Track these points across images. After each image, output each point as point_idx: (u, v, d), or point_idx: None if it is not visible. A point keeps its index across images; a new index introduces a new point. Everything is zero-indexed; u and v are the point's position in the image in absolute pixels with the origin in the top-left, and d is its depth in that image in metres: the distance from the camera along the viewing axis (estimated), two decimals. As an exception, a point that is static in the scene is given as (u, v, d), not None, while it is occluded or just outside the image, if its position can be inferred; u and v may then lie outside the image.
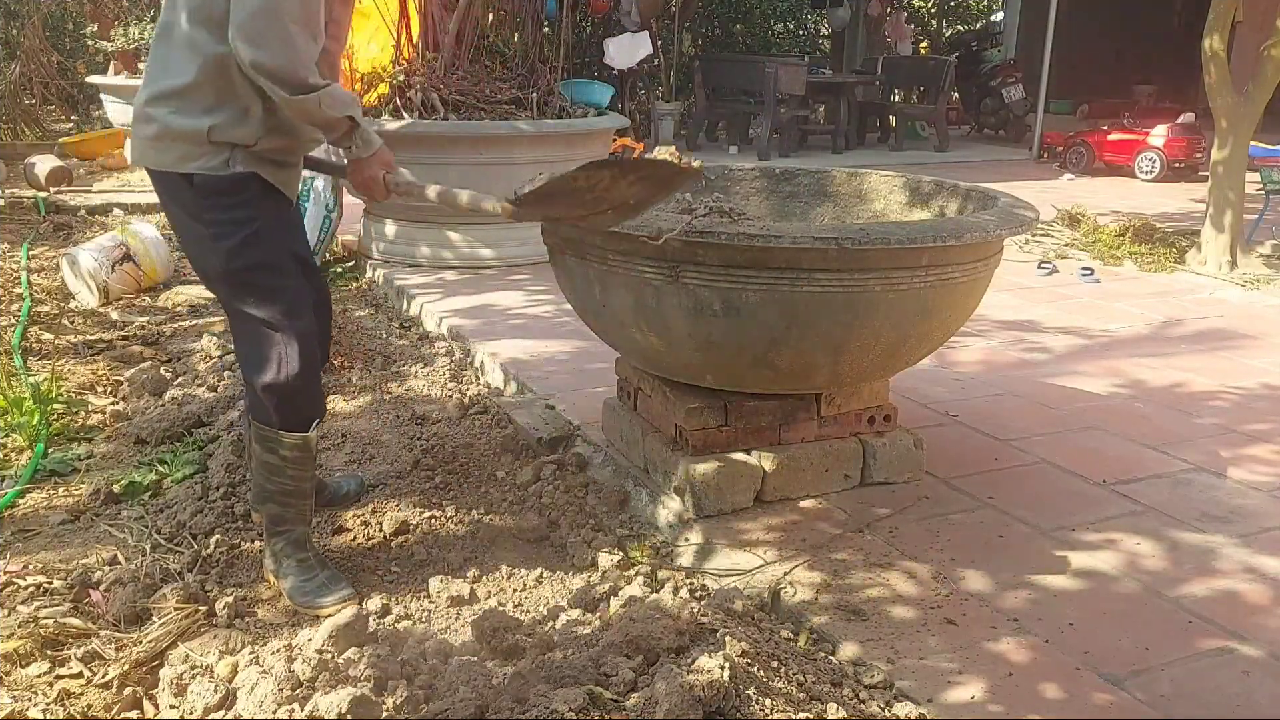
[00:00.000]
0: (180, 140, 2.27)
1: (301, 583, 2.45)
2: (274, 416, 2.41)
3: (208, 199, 2.30)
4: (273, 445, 2.44)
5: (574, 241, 2.74)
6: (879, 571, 2.54)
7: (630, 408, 3.16)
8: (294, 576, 2.46)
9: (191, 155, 2.27)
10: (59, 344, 4.38)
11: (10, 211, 7.25)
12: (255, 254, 2.34)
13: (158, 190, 2.40)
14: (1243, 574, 2.58)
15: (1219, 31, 5.99)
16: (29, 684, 2.08)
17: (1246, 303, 5.46)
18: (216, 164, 2.28)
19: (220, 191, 2.30)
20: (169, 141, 2.28)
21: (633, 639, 2.09)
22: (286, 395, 2.38)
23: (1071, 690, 2.09)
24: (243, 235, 2.32)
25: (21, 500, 3.01)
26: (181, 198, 2.33)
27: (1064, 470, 3.18)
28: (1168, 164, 9.95)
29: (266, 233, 2.35)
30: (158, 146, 2.30)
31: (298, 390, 2.38)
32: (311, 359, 2.40)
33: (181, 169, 2.29)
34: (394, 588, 2.56)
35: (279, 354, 2.36)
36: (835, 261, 2.46)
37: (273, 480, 2.48)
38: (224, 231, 2.31)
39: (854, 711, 2.00)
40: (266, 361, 2.37)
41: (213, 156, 2.27)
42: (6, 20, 10.87)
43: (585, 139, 5.84)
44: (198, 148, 2.27)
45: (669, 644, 2.09)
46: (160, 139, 2.29)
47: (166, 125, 2.27)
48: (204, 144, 2.26)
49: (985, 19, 19.20)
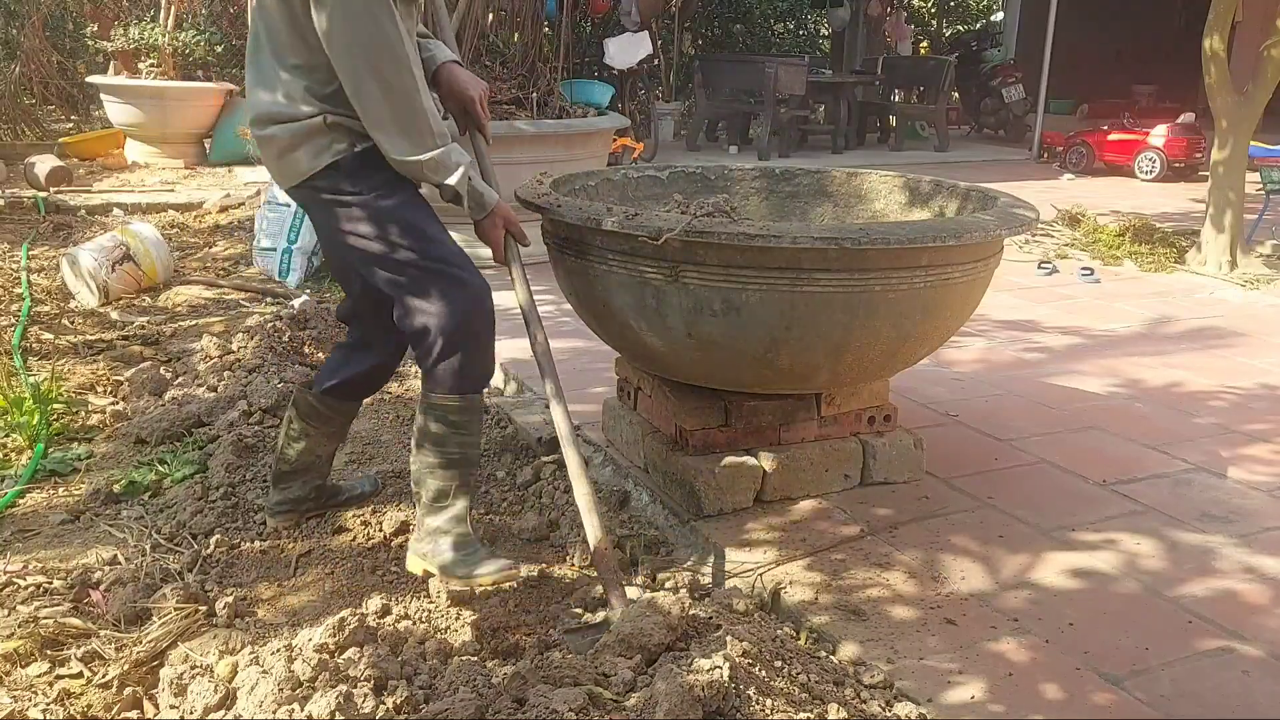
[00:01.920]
0: (302, 143, 2.29)
1: (463, 557, 2.36)
2: (451, 380, 2.33)
3: (353, 175, 2.31)
4: (440, 412, 2.36)
5: (574, 241, 2.74)
6: (879, 571, 2.54)
7: (630, 408, 3.16)
8: (454, 552, 2.37)
9: (321, 148, 2.29)
10: (59, 344, 4.37)
11: (10, 211, 7.25)
12: (420, 211, 2.35)
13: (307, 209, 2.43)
14: (1243, 574, 2.58)
15: (1219, 31, 5.99)
16: (29, 684, 2.08)
17: (1246, 303, 5.47)
18: (344, 146, 2.29)
19: (364, 166, 2.31)
20: (292, 152, 2.30)
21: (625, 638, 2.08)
22: (467, 355, 2.32)
23: (1071, 690, 2.09)
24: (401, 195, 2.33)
25: (21, 500, 3.01)
26: (332, 191, 2.33)
27: (1064, 470, 3.18)
28: (1168, 164, 9.95)
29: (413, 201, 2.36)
30: (286, 160, 2.32)
31: (478, 348, 2.34)
32: (491, 317, 2.37)
33: (317, 166, 2.30)
34: (394, 588, 2.56)
35: (465, 302, 2.31)
36: (835, 261, 2.46)
37: (437, 452, 2.38)
38: (384, 193, 2.32)
39: (854, 711, 2.00)
40: (451, 313, 2.31)
41: (339, 140, 2.29)
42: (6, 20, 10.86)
43: (585, 139, 5.84)
44: (322, 138, 2.28)
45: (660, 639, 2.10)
46: (284, 154, 2.31)
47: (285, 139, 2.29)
48: (324, 132, 2.28)
49: (985, 19, 19.20)
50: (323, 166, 2.31)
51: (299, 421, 2.69)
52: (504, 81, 5.92)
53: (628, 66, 10.07)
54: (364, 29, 2.18)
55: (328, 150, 2.30)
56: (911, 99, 13.54)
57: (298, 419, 2.70)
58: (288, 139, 2.30)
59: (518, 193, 2.88)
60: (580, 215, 2.60)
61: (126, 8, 10.70)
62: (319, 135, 2.29)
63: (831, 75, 12.56)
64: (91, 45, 10.50)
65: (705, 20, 14.77)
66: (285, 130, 2.30)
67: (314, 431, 2.69)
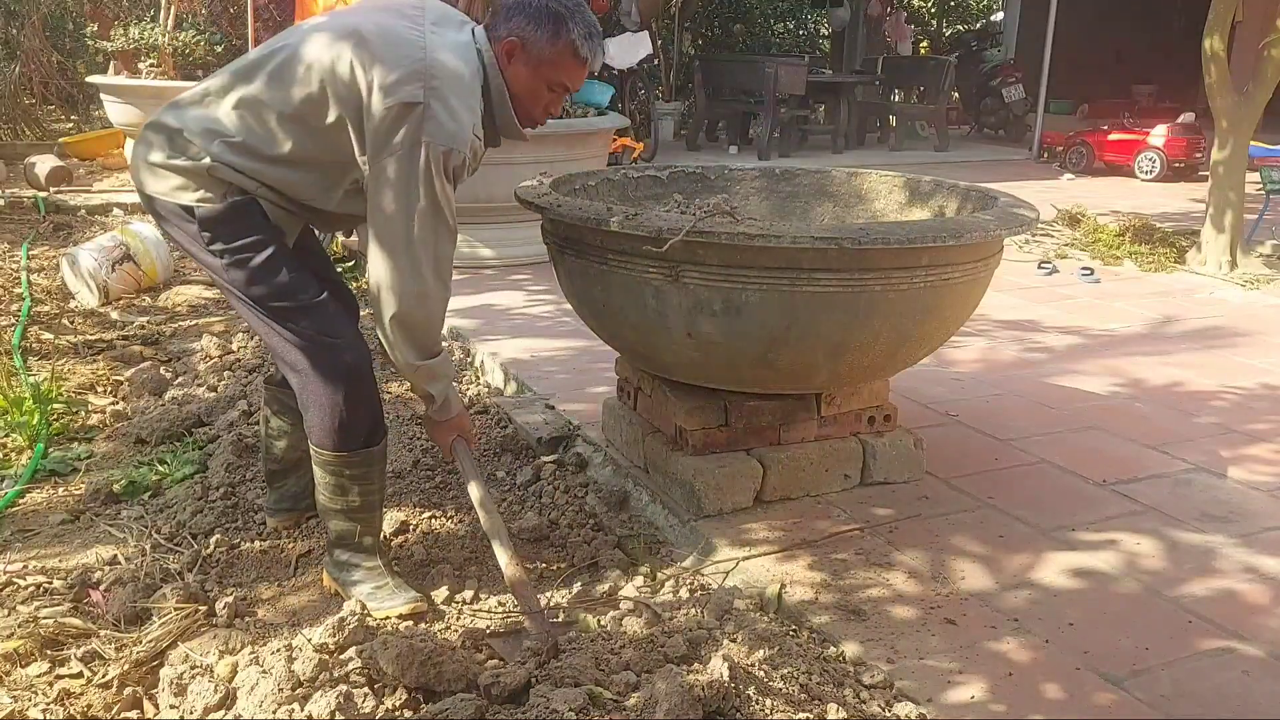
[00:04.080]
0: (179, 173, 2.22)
1: (374, 589, 2.40)
2: (333, 439, 2.31)
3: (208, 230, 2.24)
4: (335, 469, 2.36)
5: (574, 241, 2.74)
6: (879, 571, 2.54)
7: (630, 408, 3.16)
8: (366, 584, 2.41)
9: (187, 187, 2.22)
10: (59, 344, 4.37)
11: (10, 211, 7.25)
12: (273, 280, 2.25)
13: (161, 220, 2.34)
14: (1243, 574, 2.58)
15: (1219, 31, 5.99)
16: (29, 684, 2.08)
17: (1246, 303, 5.46)
18: (213, 197, 2.22)
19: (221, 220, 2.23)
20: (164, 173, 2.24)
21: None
22: (343, 416, 2.29)
23: (1072, 690, 2.09)
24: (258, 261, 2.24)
25: (21, 500, 3.01)
26: (185, 231, 2.28)
27: (1064, 470, 3.18)
28: (1168, 164, 9.95)
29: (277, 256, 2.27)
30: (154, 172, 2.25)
31: (354, 409, 2.30)
32: (361, 375, 2.31)
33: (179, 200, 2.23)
34: (394, 588, 2.56)
35: (334, 369, 2.27)
36: (835, 261, 2.46)
37: (337, 500, 2.39)
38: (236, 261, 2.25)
39: (854, 711, 2.00)
40: (313, 388, 2.29)
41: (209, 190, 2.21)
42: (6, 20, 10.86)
43: (585, 139, 5.84)
44: (197, 180, 2.21)
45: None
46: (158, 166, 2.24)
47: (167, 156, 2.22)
48: (203, 178, 2.21)
49: (985, 19, 19.20)
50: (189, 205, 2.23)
51: (275, 419, 2.69)
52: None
53: (628, 66, 10.06)
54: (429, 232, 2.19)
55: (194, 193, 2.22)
56: (911, 99, 13.54)
57: (273, 416, 2.69)
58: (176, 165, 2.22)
59: (518, 193, 2.88)
60: (580, 215, 2.60)
61: (126, 8, 10.70)
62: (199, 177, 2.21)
63: (831, 75, 12.56)
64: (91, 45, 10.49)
65: (705, 20, 14.76)
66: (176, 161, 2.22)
67: (291, 427, 2.65)
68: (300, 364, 2.29)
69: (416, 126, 2.10)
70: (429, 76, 2.12)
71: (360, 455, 2.35)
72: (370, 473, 2.39)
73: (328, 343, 2.28)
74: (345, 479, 2.37)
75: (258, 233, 2.25)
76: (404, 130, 2.11)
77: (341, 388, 2.28)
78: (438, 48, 2.18)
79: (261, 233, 2.26)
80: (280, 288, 2.26)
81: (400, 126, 2.11)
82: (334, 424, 2.30)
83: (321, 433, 2.33)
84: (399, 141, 2.11)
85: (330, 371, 2.28)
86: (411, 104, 2.10)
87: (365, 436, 2.36)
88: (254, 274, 2.25)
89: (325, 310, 2.31)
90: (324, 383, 2.28)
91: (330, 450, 2.33)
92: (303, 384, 2.31)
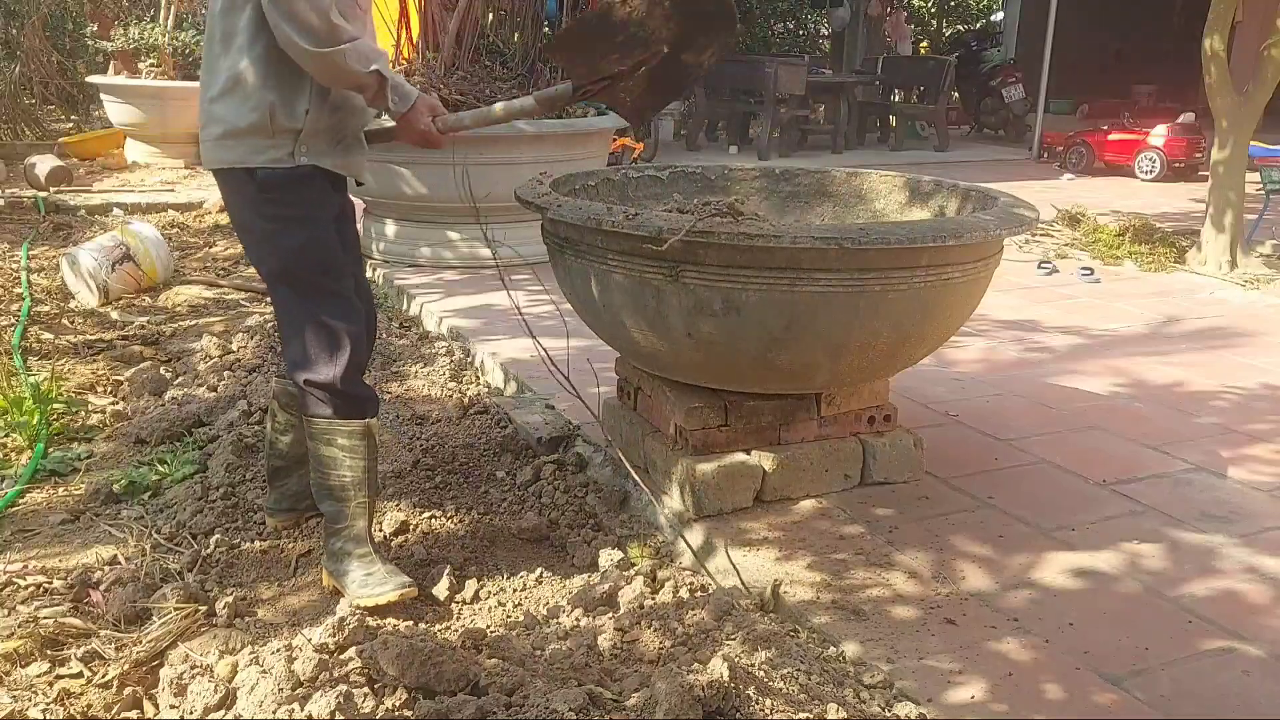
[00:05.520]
0: (246, 135, 2.28)
1: (365, 576, 2.42)
2: (326, 408, 2.41)
3: (271, 193, 2.32)
4: (329, 437, 2.42)
5: (574, 241, 2.74)
6: (879, 571, 2.54)
7: (630, 408, 3.16)
8: (357, 571, 2.43)
9: (258, 149, 2.29)
10: (59, 344, 4.37)
11: (10, 211, 7.26)
12: (316, 254, 2.37)
13: (222, 191, 2.42)
14: (1243, 574, 2.58)
15: (1219, 31, 5.99)
16: (29, 684, 2.08)
17: (1246, 302, 5.46)
18: (282, 155, 2.30)
19: (284, 186, 2.32)
20: (233, 139, 2.30)
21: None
22: (335, 392, 2.39)
23: (1072, 690, 2.09)
24: (306, 235, 2.35)
25: (21, 500, 3.01)
26: (245, 192, 2.35)
27: (1064, 470, 3.18)
28: (1168, 164, 9.95)
29: (326, 236, 2.40)
30: (223, 145, 2.32)
31: (345, 388, 2.40)
32: (360, 362, 2.44)
33: (247, 164, 2.30)
34: (394, 588, 2.56)
35: (329, 356, 2.38)
36: (835, 261, 2.46)
37: (331, 474, 2.44)
38: (288, 229, 2.34)
39: (854, 711, 2.00)
40: (316, 361, 2.38)
41: (278, 148, 2.29)
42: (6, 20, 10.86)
43: (585, 139, 5.84)
44: (264, 139, 2.28)
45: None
46: (225, 138, 2.31)
47: (231, 124, 2.29)
48: (268, 135, 2.28)
49: (985, 19, 19.20)
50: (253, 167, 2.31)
51: (283, 413, 2.70)
52: (504, 81, 5.92)
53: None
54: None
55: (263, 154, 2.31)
56: (911, 99, 13.53)
57: (280, 410, 2.70)
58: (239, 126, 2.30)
59: (518, 192, 2.88)
60: (580, 215, 2.60)
61: (126, 8, 10.70)
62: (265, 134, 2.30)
63: (831, 75, 12.56)
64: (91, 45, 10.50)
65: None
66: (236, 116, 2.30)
67: (299, 421, 2.65)
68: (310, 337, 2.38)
69: None
70: None
71: (355, 425, 2.42)
72: (362, 446, 2.44)
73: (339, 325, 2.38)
74: (339, 449, 2.42)
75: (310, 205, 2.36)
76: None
77: (342, 359, 2.37)
78: None
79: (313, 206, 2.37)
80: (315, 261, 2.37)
81: None
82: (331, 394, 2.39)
83: (321, 401, 2.40)
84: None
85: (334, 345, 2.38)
86: None
87: (361, 404, 2.44)
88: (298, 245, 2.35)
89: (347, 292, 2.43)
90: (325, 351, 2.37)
91: (324, 418, 2.41)
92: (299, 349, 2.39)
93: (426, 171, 5.49)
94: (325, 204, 2.42)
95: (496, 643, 2.19)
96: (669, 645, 2.19)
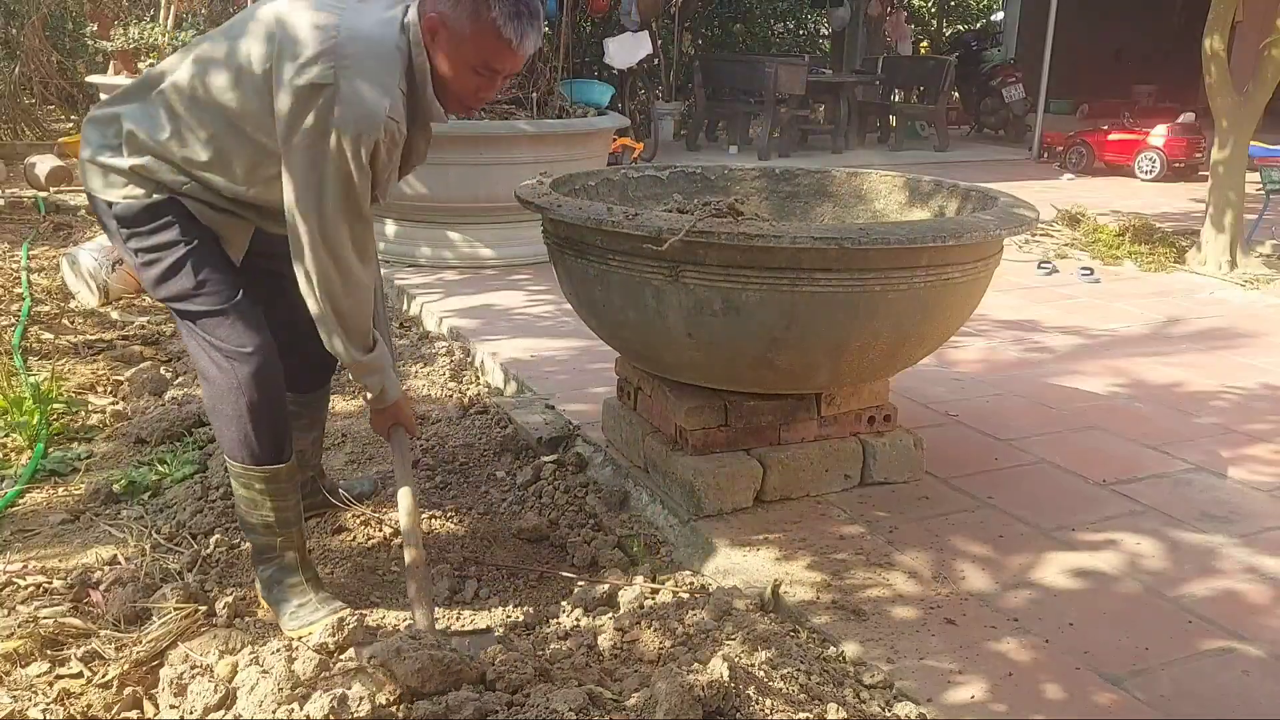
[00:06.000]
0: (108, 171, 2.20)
1: (297, 608, 2.33)
2: (240, 451, 2.26)
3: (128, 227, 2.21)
4: (245, 481, 2.31)
5: (574, 241, 2.74)
6: (879, 571, 2.54)
7: (630, 408, 3.16)
8: (290, 602, 2.35)
9: (114, 184, 2.20)
10: (59, 344, 4.37)
11: (10, 211, 7.26)
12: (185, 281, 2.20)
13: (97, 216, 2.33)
14: (1243, 574, 2.58)
15: (1219, 31, 5.99)
16: (29, 684, 2.08)
17: (1246, 303, 5.46)
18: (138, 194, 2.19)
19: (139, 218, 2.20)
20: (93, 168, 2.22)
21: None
22: (248, 429, 2.23)
23: (1072, 690, 2.09)
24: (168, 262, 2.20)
25: (21, 500, 3.01)
26: (108, 224, 2.27)
27: (1064, 470, 3.18)
28: (1168, 164, 9.95)
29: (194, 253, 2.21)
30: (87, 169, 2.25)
31: (259, 421, 2.24)
32: (268, 389, 2.24)
33: (104, 196, 2.21)
34: (394, 588, 2.56)
35: (232, 389, 2.22)
36: (835, 261, 2.46)
37: (254, 514, 2.34)
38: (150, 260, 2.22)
39: (854, 712, 2.00)
40: (220, 397, 2.24)
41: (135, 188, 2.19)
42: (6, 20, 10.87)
43: (585, 139, 5.84)
44: (122, 177, 2.19)
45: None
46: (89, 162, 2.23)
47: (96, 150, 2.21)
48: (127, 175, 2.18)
49: (985, 19, 19.19)
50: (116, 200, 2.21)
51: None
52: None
53: (628, 66, 10.06)
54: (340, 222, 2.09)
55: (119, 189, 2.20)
56: (911, 99, 13.53)
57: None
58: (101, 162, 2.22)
59: (518, 192, 2.88)
60: (580, 215, 2.60)
61: (126, 8, 10.69)
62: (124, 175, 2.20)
63: (831, 75, 12.55)
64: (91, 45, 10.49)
65: (705, 20, 14.75)
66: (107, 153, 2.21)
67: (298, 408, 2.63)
68: (208, 371, 2.24)
69: (326, 109, 2.02)
70: (339, 56, 2.03)
71: (268, 471, 2.29)
72: (283, 488, 2.32)
73: (233, 351, 2.21)
74: (257, 493, 2.31)
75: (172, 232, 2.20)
76: (313, 114, 2.02)
77: (244, 398, 2.21)
78: (354, 25, 2.08)
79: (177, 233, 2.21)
80: (187, 291, 2.21)
81: (309, 110, 2.02)
82: (240, 436, 2.24)
83: (230, 444, 2.28)
84: (309, 126, 2.03)
85: (235, 381, 2.21)
86: (320, 85, 2.02)
87: (274, 451, 2.29)
88: (163, 274, 2.21)
89: (239, 316, 2.23)
90: (229, 392, 2.22)
91: (239, 463, 2.28)
92: (209, 391, 2.27)
93: (426, 171, 5.49)
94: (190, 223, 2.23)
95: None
96: (669, 645, 2.19)
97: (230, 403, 2.23)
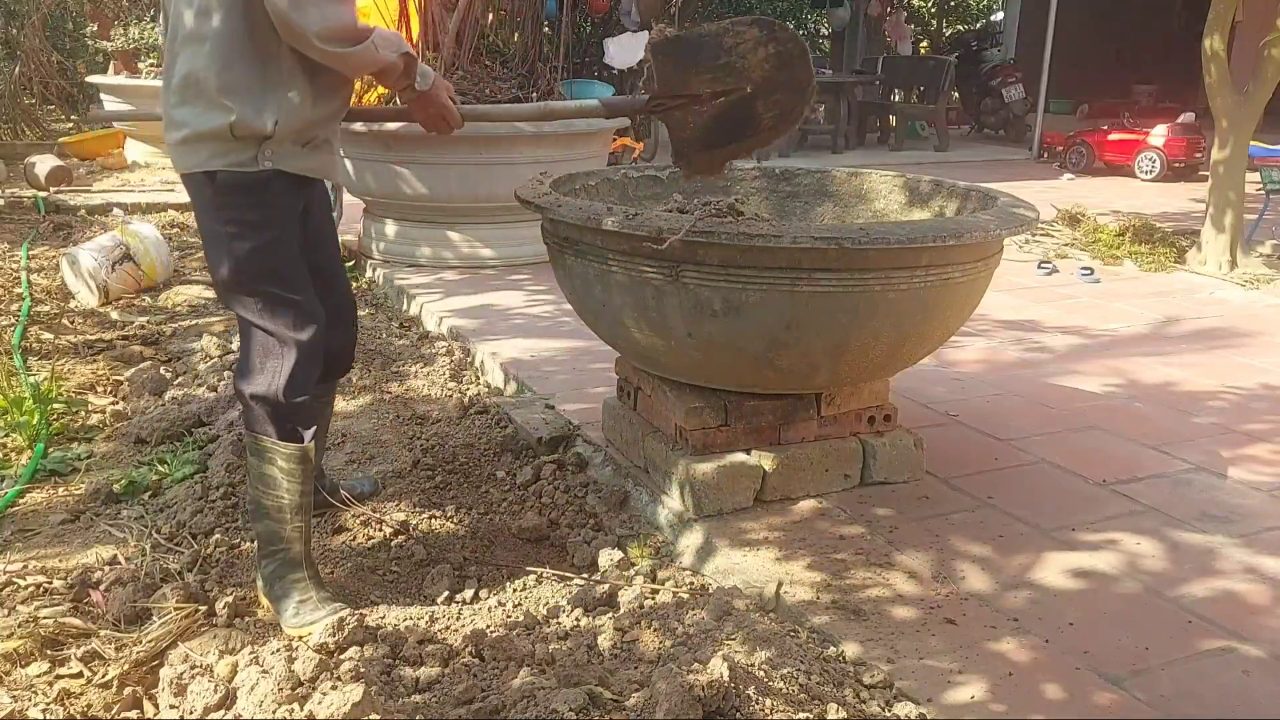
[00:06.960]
0: (208, 139, 2.21)
1: (298, 605, 2.34)
2: (269, 426, 2.33)
3: (228, 197, 2.25)
4: (269, 455, 2.34)
5: (574, 241, 2.74)
6: (879, 571, 2.54)
7: (630, 408, 3.16)
8: (291, 599, 2.35)
9: (219, 152, 2.22)
10: (59, 344, 4.38)
11: (10, 211, 7.26)
12: (267, 262, 2.29)
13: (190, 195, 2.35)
14: (1243, 574, 2.58)
15: (1219, 31, 5.99)
16: (29, 684, 2.08)
17: (1246, 303, 5.46)
18: (245, 159, 2.22)
19: (243, 190, 2.24)
20: (195, 143, 2.23)
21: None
22: (274, 407, 2.31)
23: (1072, 690, 2.09)
24: (259, 241, 2.27)
25: (21, 500, 3.01)
26: (204, 196, 2.28)
27: (1064, 470, 3.18)
28: (1168, 164, 9.95)
29: (283, 242, 2.31)
30: (186, 148, 2.25)
31: (285, 404, 2.31)
32: (305, 376, 2.33)
33: (207, 168, 2.23)
34: (394, 588, 2.56)
35: (274, 366, 2.30)
36: (835, 261, 2.46)
37: (269, 494, 2.36)
38: (242, 234, 2.26)
39: (854, 711, 2.00)
40: (259, 372, 2.31)
41: (240, 152, 2.21)
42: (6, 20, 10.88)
43: (585, 139, 5.84)
44: (223, 144, 2.21)
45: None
46: (186, 142, 2.24)
47: (193, 128, 2.22)
48: (229, 140, 2.20)
49: (985, 19, 19.20)
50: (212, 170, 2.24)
51: None
52: (504, 81, 5.91)
53: (628, 66, 10.06)
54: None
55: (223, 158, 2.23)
56: (911, 99, 13.53)
57: None
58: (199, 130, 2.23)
59: (518, 193, 2.88)
60: (580, 215, 2.60)
61: (126, 8, 10.70)
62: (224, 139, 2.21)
63: (831, 75, 12.55)
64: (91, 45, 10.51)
65: (705, 20, 14.76)
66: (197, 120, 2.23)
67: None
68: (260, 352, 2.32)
69: None
70: None
71: (295, 449, 2.34)
72: (300, 470, 2.36)
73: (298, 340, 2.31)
74: (279, 470, 2.34)
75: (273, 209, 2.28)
76: None
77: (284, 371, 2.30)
78: None
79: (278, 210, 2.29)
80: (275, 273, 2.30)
81: None
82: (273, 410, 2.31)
83: (258, 419, 2.33)
84: None
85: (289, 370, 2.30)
86: None
87: (298, 428, 2.36)
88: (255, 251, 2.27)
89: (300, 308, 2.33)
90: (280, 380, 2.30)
91: (269, 438, 2.34)
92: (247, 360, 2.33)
93: (426, 171, 5.50)
94: (287, 206, 2.32)
95: (497, 643, 2.19)
96: (669, 645, 2.19)
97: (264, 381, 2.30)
